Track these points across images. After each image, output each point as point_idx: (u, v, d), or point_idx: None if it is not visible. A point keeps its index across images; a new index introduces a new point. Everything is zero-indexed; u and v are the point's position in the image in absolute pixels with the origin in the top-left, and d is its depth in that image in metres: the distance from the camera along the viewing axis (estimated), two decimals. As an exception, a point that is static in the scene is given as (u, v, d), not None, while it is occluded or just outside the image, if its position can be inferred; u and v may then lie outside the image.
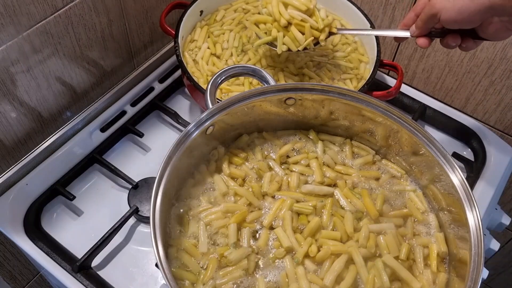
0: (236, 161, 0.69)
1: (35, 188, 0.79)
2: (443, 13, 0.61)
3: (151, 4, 0.91)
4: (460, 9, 0.59)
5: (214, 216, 0.63)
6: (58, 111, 0.84)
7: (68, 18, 0.75)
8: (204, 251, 0.60)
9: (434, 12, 0.62)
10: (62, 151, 0.83)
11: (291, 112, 0.70)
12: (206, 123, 0.63)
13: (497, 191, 0.84)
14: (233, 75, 0.68)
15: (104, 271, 0.73)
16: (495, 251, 0.90)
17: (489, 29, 0.62)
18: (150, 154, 0.87)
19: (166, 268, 0.52)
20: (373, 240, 0.62)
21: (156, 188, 0.57)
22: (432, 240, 0.64)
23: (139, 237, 0.77)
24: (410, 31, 0.69)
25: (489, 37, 0.63)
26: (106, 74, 0.90)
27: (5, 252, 0.88)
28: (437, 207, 0.66)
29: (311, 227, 0.62)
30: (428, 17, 0.64)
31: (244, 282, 0.58)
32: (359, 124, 0.71)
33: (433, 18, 0.63)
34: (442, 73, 1.00)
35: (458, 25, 0.62)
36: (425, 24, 0.66)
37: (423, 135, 0.64)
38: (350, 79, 0.87)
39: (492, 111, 0.99)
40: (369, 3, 0.99)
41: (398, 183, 0.70)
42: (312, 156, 0.71)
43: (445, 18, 0.62)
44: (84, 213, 0.79)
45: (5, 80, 0.71)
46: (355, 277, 0.59)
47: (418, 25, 0.67)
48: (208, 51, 0.87)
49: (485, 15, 0.59)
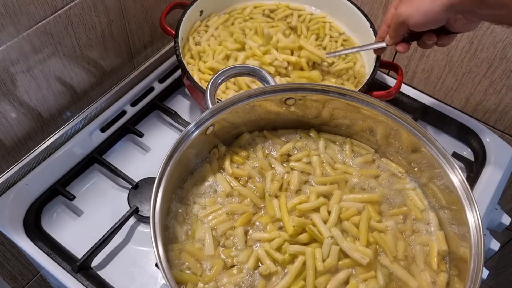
0: (237, 160, 0.69)
1: (35, 188, 0.79)
2: (410, 19, 0.66)
3: (151, 4, 0.91)
4: (425, 13, 0.64)
5: (220, 219, 0.63)
6: (58, 111, 0.84)
7: (68, 18, 0.75)
8: (211, 254, 0.60)
9: (402, 20, 0.67)
10: (62, 151, 0.83)
11: (291, 111, 0.71)
12: (206, 123, 0.63)
13: (497, 191, 0.84)
14: (233, 75, 0.68)
15: (104, 271, 0.73)
16: (495, 251, 0.90)
17: (456, 24, 0.66)
18: (150, 154, 0.87)
19: (166, 268, 0.52)
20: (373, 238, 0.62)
21: (156, 188, 0.57)
22: (433, 238, 0.64)
23: (139, 237, 0.77)
24: (385, 41, 0.75)
25: (459, 30, 0.68)
26: (106, 74, 0.90)
27: (5, 252, 0.88)
28: (437, 206, 0.66)
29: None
30: (397, 26, 0.69)
31: (244, 282, 0.58)
32: (359, 123, 0.71)
33: (402, 26, 0.68)
34: (442, 73, 1.00)
35: (426, 27, 0.67)
36: (396, 32, 0.71)
37: (423, 135, 0.64)
38: (348, 79, 0.87)
39: (492, 111, 0.99)
40: (369, 3, 0.99)
41: (397, 182, 0.70)
42: (313, 154, 0.71)
43: (413, 23, 0.66)
44: (84, 213, 0.79)
45: (5, 80, 0.71)
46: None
47: (391, 35, 0.73)
48: (215, 41, 0.88)
49: (448, 14, 0.63)
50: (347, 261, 0.60)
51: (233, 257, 0.60)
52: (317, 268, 0.58)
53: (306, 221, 0.62)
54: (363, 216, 0.63)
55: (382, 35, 0.76)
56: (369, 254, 0.59)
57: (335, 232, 0.61)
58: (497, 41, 0.88)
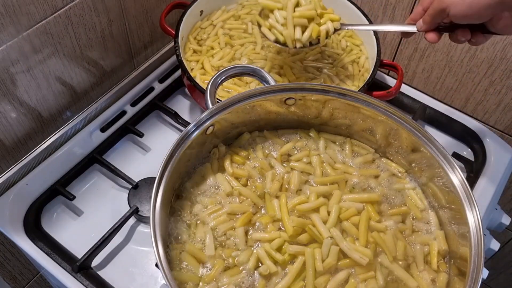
0: (237, 160, 0.69)
1: (35, 188, 0.79)
2: (453, 8, 0.60)
3: (151, 4, 0.91)
4: (470, 4, 0.58)
5: (220, 219, 0.63)
6: (58, 111, 0.84)
7: (68, 18, 0.75)
8: (211, 254, 0.60)
9: (443, 7, 0.61)
10: (62, 151, 0.83)
11: (291, 111, 0.71)
12: (206, 123, 0.63)
13: (497, 191, 0.84)
14: (233, 75, 0.68)
15: (104, 271, 0.73)
16: (495, 251, 0.90)
17: (499, 23, 0.61)
18: (150, 154, 0.87)
19: (166, 268, 0.52)
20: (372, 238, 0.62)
21: (156, 188, 0.57)
22: (432, 238, 0.64)
23: (139, 237, 0.77)
24: (417, 25, 0.67)
25: (499, 31, 0.62)
26: (106, 74, 0.90)
27: (5, 252, 0.88)
28: (437, 205, 0.66)
29: None
30: (436, 12, 0.63)
31: (245, 282, 0.59)
32: (359, 123, 0.71)
33: (441, 13, 0.62)
34: (442, 73, 1.00)
35: (468, 20, 0.61)
36: (433, 19, 0.64)
37: (423, 135, 0.64)
38: (347, 75, 0.87)
39: (492, 111, 0.99)
40: (369, 3, 0.99)
41: (397, 181, 0.70)
42: (313, 153, 0.71)
43: (455, 13, 0.60)
44: (84, 213, 0.79)
45: (5, 80, 0.71)
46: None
47: (425, 20, 0.65)
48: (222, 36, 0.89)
49: (495, 10, 0.58)
50: (347, 261, 0.60)
51: (233, 257, 0.60)
52: (317, 268, 0.58)
53: (306, 222, 0.62)
54: (363, 216, 0.63)
55: (415, 17, 0.68)
56: (369, 254, 0.59)
57: (335, 233, 0.61)
58: (497, 41, 0.88)
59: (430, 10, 0.64)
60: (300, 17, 0.75)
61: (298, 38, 0.76)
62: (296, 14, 0.75)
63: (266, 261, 0.59)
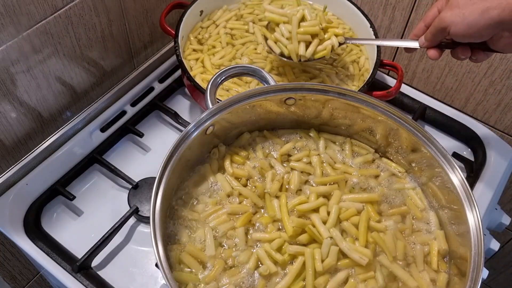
0: (237, 160, 0.69)
1: (35, 188, 0.79)
2: (453, 27, 0.61)
3: (151, 4, 0.91)
4: (469, 24, 0.59)
5: (221, 219, 0.63)
6: (58, 111, 0.84)
7: (68, 18, 0.75)
8: (212, 254, 0.60)
9: (444, 26, 0.62)
10: (62, 151, 0.83)
11: (291, 111, 0.71)
12: (206, 123, 0.63)
13: (497, 191, 0.84)
14: (233, 75, 0.68)
15: (104, 271, 0.73)
16: (495, 251, 0.90)
17: (500, 42, 0.61)
18: (150, 154, 0.87)
19: (166, 268, 0.52)
20: (372, 238, 0.62)
21: (156, 188, 0.57)
22: (432, 237, 0.64)
23: (139, 237, 0.77)
24: (419, 42, 0.69)
25: (500, 50, 0.63)
26: (106, 74, 0.90)
27: (5, 252, 0.88)
28: (437, 205, 0.67)
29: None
30: (437, 30, 0.64)
31: (245, 283, 0.59)
32: (359, 123, 0.71)
33: (442, 32, 0.63)
34: (442, 73, 1.00)
35: (468, 39, 0.62)
36: (434, 36, 0.65)
37: (423, 135, 0.64)
38: (347, 75, 0.87)
39: (492, 111, 0.99)
40: (369, 3, 0.99)
41: (397, 181, 0.70)
42: (313, 153, 0.71)
43: (455, 32, 0.61)
44: (84, 213, 0.79)
45: (5, 80, 0.71)
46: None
47: (427, 37, 0.67)
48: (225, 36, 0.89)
49: (495, 30, 0.59)
50: (347, 262, 0.60)
51: (234, 258, 0.60)
52: (316, 268, 0.58)
53: (306, 222, 0.62)
54: (363, 216, 0.63)
55: (418, 33, 0.69)
56: (368, 255, 0.59)
57: (334, 233, 0.61)
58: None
59: (431, 28, 0.65)
60: (304, 34, 0.79)
61: (302, 54, 0.79)
62: (300, 30, 0.78)
63: (266, 261, 0.59)
